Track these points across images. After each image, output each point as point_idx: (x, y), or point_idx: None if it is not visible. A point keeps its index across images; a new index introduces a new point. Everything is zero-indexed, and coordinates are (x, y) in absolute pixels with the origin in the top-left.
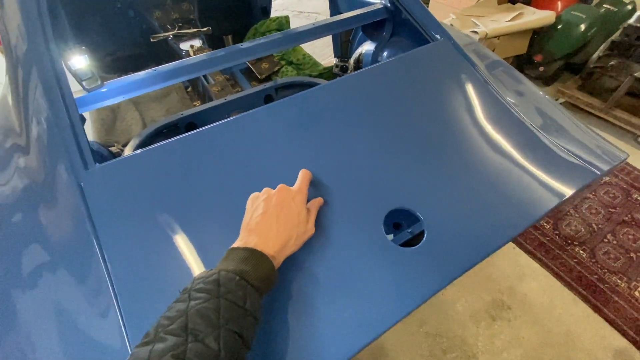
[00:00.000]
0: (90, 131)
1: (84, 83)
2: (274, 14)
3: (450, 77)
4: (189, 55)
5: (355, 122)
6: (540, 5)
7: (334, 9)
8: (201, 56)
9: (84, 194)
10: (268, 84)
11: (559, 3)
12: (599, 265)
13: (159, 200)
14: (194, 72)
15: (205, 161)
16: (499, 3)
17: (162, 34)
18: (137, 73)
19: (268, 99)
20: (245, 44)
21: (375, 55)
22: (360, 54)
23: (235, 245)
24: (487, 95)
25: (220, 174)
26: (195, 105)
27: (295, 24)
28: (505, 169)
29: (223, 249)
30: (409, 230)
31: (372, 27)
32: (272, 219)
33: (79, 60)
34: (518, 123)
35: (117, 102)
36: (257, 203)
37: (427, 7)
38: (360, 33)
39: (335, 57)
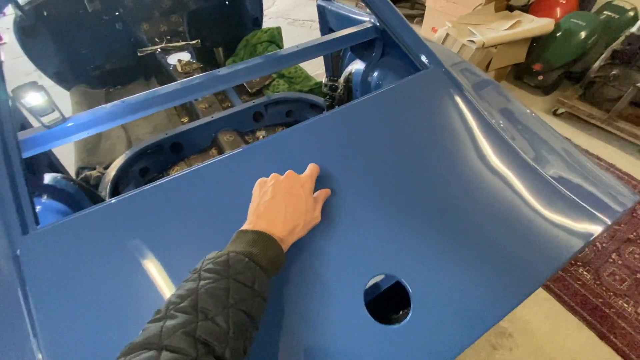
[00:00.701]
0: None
1: (42, 119)
2: (267, 22)
3: (444, 111)
4: (177, 70)
5: (340, 168)
6: (538, 13)
7: (324, 24)
8: (174, 85)
9: (19, 266)
10: (257, 101)
11: (558, 10)
12: (604, 288)
13: (110, 269)
14: (165, 103)
15: (167, 220)
16: (497, 10)
17: (149, 48)
18: (103, 105)
19: (257, 115)
20: (223, 70)
21: (365, 76)
22: (350, 73)
23: (243, 228)
24: (484, 129)
25: (184, 235)
26: (183, 122)
27: (290, 31)
28: (504, 228)
29: None
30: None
31: (362, 46)
32: (280, 204)
33: (33, 97)
34: (518, 162)
35: (81, 138)
36: (265, 188)
37: (424, 14)
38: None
39: (326, 74)
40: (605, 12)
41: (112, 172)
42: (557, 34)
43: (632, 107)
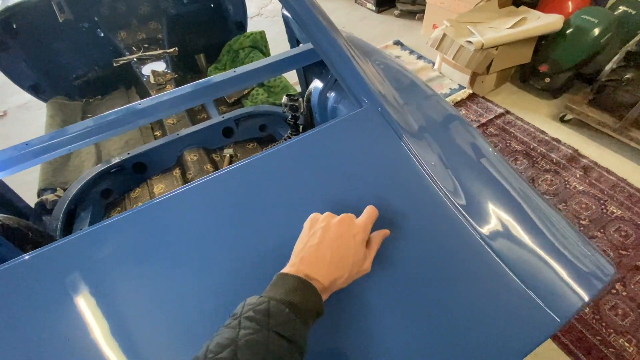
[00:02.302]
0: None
1: None
2: (263, 21)
3: (369, 159)
4: (150, 81)
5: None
6: (547, 9)
7: (291, 35)
8: (115, 113)
9: None
10: (226, 116)
11: (570, 5)
12: (603, 324)
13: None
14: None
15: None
16: (501, 6)
17: (124, 58)
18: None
19: (227, 131)
20: (169, 93)
21: (322, 97)
22: (310, 92)
23: (285, 270)
24: (414, 183)
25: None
26: (156, 136)
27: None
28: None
29: None
30: None
31: (318, 65)
32: (326, 252)
33: None
34: (457, 231)
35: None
36: (315, 229)
37: (424, 10)
38: None
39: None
40: (621, 7)
41: (68, 196)
42: (567, 32)
43: None
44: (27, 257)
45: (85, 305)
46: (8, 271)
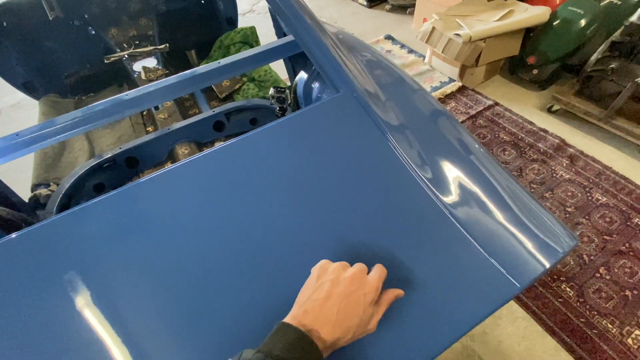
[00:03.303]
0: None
1: None
2: (255, 17)
3: (345, 143)
4: (141, 78)
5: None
6: (534, 1)
7: (277, 27)
8: (96, 105)
9: None
10: (217, 110)
11: None
12: (587, 306)
13: None
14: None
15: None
16: (489, 0)
17: (115, 55)
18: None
19: (218, 125)
20: (155, 84)
21: (307, 87)
22: (296, 83)
23: (287, 320)
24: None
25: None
26: (148, 132)
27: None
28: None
29: None
30: None
31: (303, 56)
32: (333, 309)
33: None
34: (426, 202)
35: None
36: (323, 279)
37: (415, 5)
38: None
39: (290, 81)
40: None
41: (61, 190)
42: (553, 24)
43: (632, 104)
44: (14, 236)
45: (73, 282)
46: None
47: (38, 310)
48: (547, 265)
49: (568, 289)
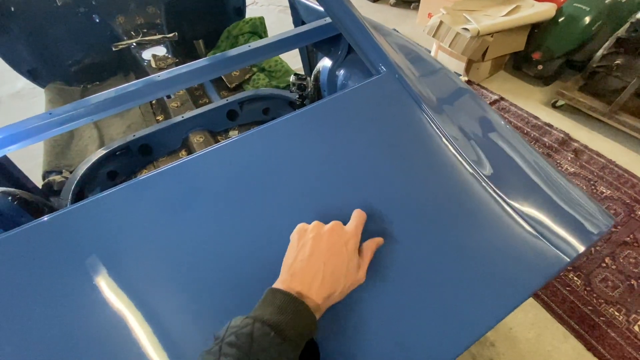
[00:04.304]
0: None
1: None
2: (259, 9)
3: (390, 124)
4: (151, 65)
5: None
6: None
7: (296, 16)
8: (109, 92)
9: None
10: (230, 98)
11: None
12: (594, 295)
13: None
14: (100, 112)
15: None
16: None
17: (123, 42)
18: (30, 117)
19: (231, 114)
20: (163, 74)
21: (331, 74)
22: (319, 71)
23: (275, 285)
24: (434, 146)
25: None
26: (158, 120)
27: (282, 19)
28: (452, 263)
29: None
30: None
31: (328, 43)
32: (319, 265)
33: None
34: (466, 181)
35: (2, 154)
36: (304, 240)
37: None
38: None
39: (303, 69)
40: None
41: (76, 177)
42: (559, 20)
43: (636, 100)
44: (46, 219)
45: (102, 265)
46: (29, 232)
47: (78, 287)
48: (593, 239)
49: (575, 278)
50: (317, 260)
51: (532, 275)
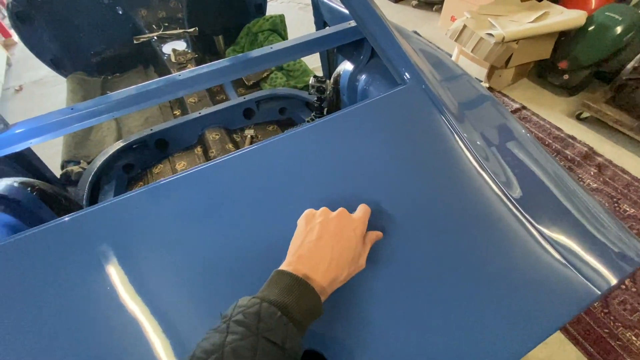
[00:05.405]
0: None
1: None
2: (279, 7)
3: (415, 136)
4: (170, 60)
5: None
6: (570, 3)
7: (318, 17)
8: (130, 90)
9: None
10: (248, 97)
11: (593, 1)
12: (612, 317)
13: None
14: (122, 109)
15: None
16: (523, 0)
17: (145, 35)
18: (54, 111)
19: (248, 112)
20: (185, 73)
21: (352, 79)
22: (339, 74)
23: (282, 267)
24: (458, 160)
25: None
26: (175, 115)
27: (301, 17)
28: (471, 294)
29: None
30: None
31: (350, 46)
32: (326, 248)
33: None
34: (493, 203)
35: (26, 147)
36: (312, 224)
37: (443, 1)
38: None
39: (322, 71)
40: None
41: (93, 168)
42: (589, 29)
43: None
44: (67, 219)
45: (119, 265)
46: (50, 231)
47: (110, 280)
48: (627, 271)
49: None
50: (325, 243)
51: (561, 307)
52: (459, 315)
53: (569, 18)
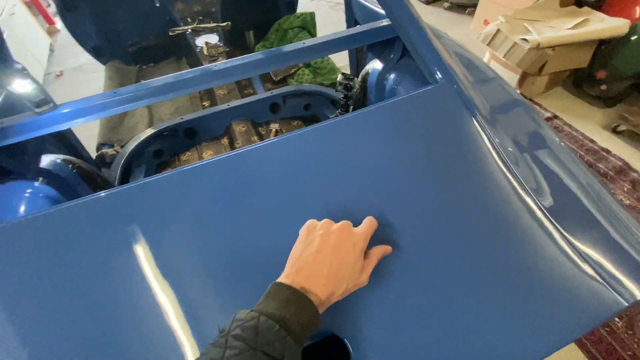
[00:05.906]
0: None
1: (33, 106)
2: (308, 5)
3: (445, 137)
4: (203, 52)
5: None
6: (612, 11)
7: (350, 15)
8: (167, 77)
9: None
10: (275, 92)
11: (638, 9)
12: (636, 339)
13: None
14: (159, 95)
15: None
16: (562, 5)
17: (180, 28)
18: (97, 94)
19: (274, 107)
20: (220, 64)
21: (380, 77)
22: (367, 73)
23: (280, 280)
24: (488, 165)
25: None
26: (204, 106)
27: (331, 16)
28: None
29: None
30: None
31: (381, 45)
32: (325, 262)
33: (21, 84)
34: (522, 209)
35: (71, 126)
36: (312, 236)
37: (476, 5)
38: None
39: (350, 68)
40: None
41: (125, 152)
42: (632, 38)
43: None
44: (102, 195)
45: (145, 242)
46: (88, 204)
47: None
48: None
49: (617, 319)
50: (324, 257)
51: (584, 315)
52: (485, 319)
53: (611, 26)
